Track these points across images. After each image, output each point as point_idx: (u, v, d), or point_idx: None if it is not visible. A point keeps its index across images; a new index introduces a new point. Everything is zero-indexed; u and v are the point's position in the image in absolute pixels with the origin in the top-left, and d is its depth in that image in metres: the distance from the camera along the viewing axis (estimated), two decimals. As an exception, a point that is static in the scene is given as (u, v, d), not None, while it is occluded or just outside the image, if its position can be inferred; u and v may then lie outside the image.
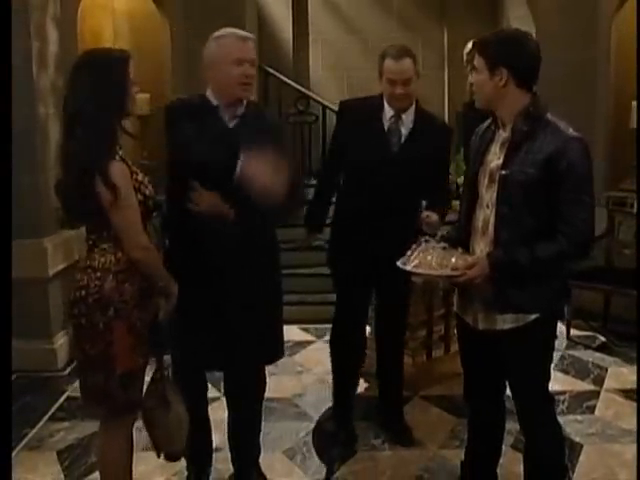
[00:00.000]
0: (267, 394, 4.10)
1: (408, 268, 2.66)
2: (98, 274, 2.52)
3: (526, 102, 2.63)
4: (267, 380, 3.24)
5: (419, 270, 2.66)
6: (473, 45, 2.73)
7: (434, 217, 3.19)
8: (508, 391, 2.86)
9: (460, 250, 2.68)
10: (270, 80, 7.15)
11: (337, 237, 3.56)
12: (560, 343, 5.03)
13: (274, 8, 7.75)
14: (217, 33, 2.90)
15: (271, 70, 7.12)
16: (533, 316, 2.63)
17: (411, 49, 3.40)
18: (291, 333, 5.20)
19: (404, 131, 3.38)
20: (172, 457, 2.87)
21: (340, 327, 3.65)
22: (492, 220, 2.67)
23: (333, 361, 3.74)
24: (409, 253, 2.70)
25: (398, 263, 2.69)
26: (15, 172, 4.39)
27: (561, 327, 5.21)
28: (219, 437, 3.33)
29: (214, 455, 3.31)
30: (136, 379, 2.59)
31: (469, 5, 7.75)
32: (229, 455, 3.28)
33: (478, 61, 2.65)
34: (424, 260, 2.65)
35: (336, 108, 3.74)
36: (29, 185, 4.47)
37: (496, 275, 2.59)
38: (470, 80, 2.75)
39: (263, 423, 3.81)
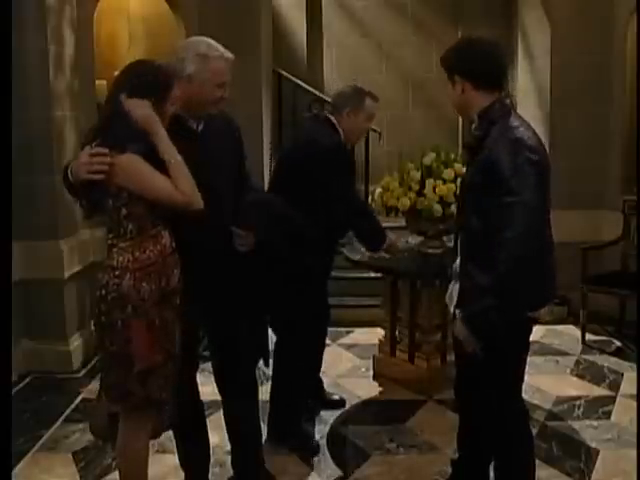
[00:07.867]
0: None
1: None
2: (117, 272, 2.55)
3: (485, 105, 2.61)
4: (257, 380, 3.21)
5: None
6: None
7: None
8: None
9: None
10: (284, 83, 7.16)
11: None
12: (575, 348, 5.02)
13: (289, 11, 7.74)
14: (202, 49, 2.81)
15: (285, 73, 7.13)
16: None
17: None
18: (305, 336, 5.21)
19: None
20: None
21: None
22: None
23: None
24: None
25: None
26: (31, 174, 4.45)
27: (576, 332, 5.20)
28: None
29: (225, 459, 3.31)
30: (155, 376, 2.60)
31: (484, 9, 7.71)
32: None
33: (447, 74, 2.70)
34: None
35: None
36: (45, 187, 4.49)
37: (474, 324, 2.55)
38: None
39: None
